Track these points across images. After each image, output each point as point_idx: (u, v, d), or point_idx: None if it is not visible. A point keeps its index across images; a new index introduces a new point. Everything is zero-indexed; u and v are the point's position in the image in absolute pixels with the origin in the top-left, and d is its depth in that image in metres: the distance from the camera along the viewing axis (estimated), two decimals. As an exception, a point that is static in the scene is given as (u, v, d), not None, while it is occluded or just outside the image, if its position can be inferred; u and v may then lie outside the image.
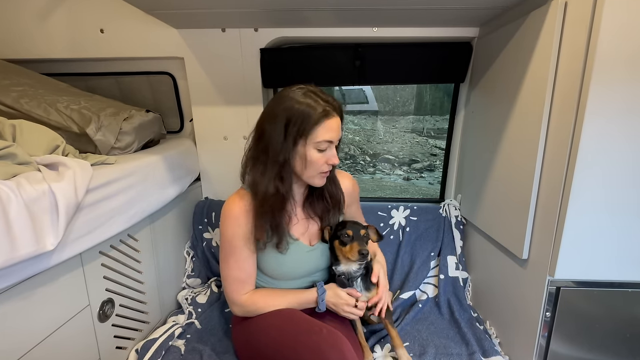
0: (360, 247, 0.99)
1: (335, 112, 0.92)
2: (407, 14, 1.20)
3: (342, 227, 1.04)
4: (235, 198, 0.99)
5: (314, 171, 0.94)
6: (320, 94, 0.93)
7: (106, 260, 1.02)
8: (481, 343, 1.15)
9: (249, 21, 1.32)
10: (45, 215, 0.72)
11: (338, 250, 1.04)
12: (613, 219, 0.89)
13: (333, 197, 1.07)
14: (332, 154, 0.94)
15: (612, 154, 0.85)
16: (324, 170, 0.95)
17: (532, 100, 1.00)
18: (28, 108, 1.07)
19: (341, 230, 1.03)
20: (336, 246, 1.05)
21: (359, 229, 1.03)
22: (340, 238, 1.03)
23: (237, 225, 0.96)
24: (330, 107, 0.91)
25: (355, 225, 1.05)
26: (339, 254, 1.05)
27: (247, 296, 1.01)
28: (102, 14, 1.37)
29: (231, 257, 0.99)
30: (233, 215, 0.97)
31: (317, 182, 0.98)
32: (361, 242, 1.01)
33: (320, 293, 1.01)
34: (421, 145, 4.54)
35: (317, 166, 0.93)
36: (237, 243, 0.97)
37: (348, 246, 1.01)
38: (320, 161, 0.93)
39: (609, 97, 0.81)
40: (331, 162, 0.94)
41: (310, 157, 0.92)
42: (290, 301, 1.02)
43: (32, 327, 0.79)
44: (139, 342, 1.12)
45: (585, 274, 0.94)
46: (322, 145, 0.91)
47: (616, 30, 0.78)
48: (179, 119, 1.63)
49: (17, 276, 0.72)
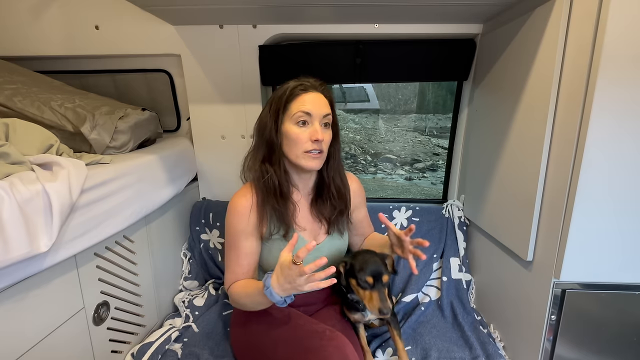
0: (381, 304, 0.88)
1: (313, 88, 0.93)
2: (408, 10, 1.18)
3: (362, 267, 0.93)
4: (240, 192, 0.99)
5: (298, 149, 0.92)
6: (309, 78, 0.95)
7: (101, 262, 1.00)
8: (485, 347, 1.13)
9: (247, 17, 1.30)
10: (38, 216, 0.72)
11: (355, 288, 0.96)
12: (620, 220, 0.87)
13: (340, 193, 1.04)
14: (313, 129, 0.91)
15: (619, 154, 0.83)
16: (309, 149, 0.92)
17: (537, 98, 0.98)
18: (21, 106, 1.05)
19: (360, 273, 0.92)
20: (353, 284, 0.96)
21: (380, 274, 0.92)
22: (359, 282, 0.93)
23: (240, 220, 0.96)
24: (309, 84, 0.93)
25: (376, 266, 0.93)
26: (354, 290, 0.97)
27: (230, 288, 0.99)
28: (98, 10, 1.35)
29: (232, 251, 0.99)
30: (237, 209, 0.96)
31: (305, 163, 0.93)
32: (382, 294, 0.90)
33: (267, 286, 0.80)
34: (423, 145, 4.53)
35: (300, 143, 0.92)
36: (239, 238, 0.97)
37: (367, 293, 0.92)
38: (301, 137, 0.91)
39: (616, 95, 0.80)
40: (314, 137, 0.91)
41: (290, 133, 0.92)
42: (249, 290, 0.90)
43: (25, 331, 0.77)
44: (134, 345, 1.11)
45: (592, 276, 0.92)
46: (300, 117, 0.91)
47: (623, 26, 0.77)
48: (176, 118, 1.62)
49: (10, 278, 0.71)
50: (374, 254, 0.98)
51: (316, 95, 0.93)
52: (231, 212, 0.98)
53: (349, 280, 0.98)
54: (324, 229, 1.06)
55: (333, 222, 1.04)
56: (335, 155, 1.02)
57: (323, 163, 0.98)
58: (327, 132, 0.96)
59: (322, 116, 0.93)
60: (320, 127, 0.93)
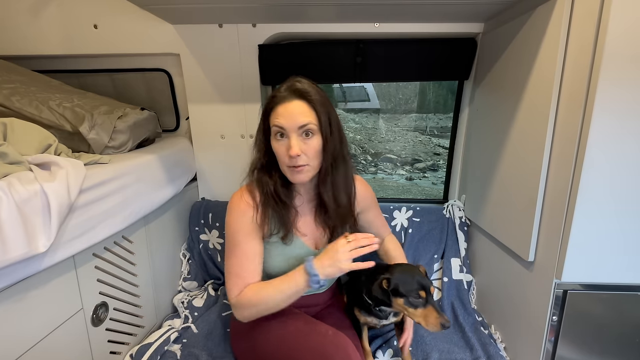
0: (442, 319, 0.84)
1: (291, 97, 0.84)
2: (409, 9, 1.18)
3: (409, 284, 0.88)
4: (240, 192, 0.96)
5: (282, 163, 0.88)
6: (295, 83, 0.86)
7: (100, 263, 1.00)
8: (486, 348, 1.12)
9: (247, 16, 1.29)
10: (37, 216, 0.71)
11: (400, 307, 0.90)
12: (622, 220, 0.87)
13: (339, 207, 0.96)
14: (288, 144, 0.84)
15: (621, 154, 0.83)
16: (289, 164, 0.86)
17: (539, 97, 0.97)
18: (19, 106, 1.05)
19: (409, 291, 0.87)
20: (398, 304, 0.90)
21: (429, 286, 0.87)
22: (410, 300, 0.87)
23: (243, 218, 0.92)
24: (287, 92, 0.85)
25: (422, 279, 0.89)
26: (398, 309, 0.92)
27: (240, 295, 0.92)
28: (96, 9, 1.34)
29: (236, 255, 0.93)
30: (239, 206, 0.93)
31: (290, 177, 0.89)
32: (438, 308, 0.86)
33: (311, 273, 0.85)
34: (424, 144, 4.51)
35: (281, 158, 0.87)
36: (240, 238, 0.92)
37: (420, 311, 0.86)
38: (280, 152, 0.86)
39: (618, 94, 0.79)
40: (288, 152, 0.83)
41: (273, 146, 0.88)
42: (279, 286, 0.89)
43: (23, 332, 0.77)
44: (133, 346, 1.10)
45: (593, 277, 0.92)
46: (277, 132, 0.85)
47: (625, 26, 0.76)
48: (175, 117, 1.61)
49: (8, 279, 0.71)
50: (410, 266, 0.95)
51: (291, 105, 0.84)
52: (233, 210, 0.93)
53: (392, 300, 0.91)
54: (327, 237, 1.02)
55: (335, 231, 1.01)
56: (330, 171, 0.91)
57: (313, 175, 0.90)
58: (310, 142, 0.85)
59: (298, 127, 0.83)
60: (299, 139, 0.84)
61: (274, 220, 0.94)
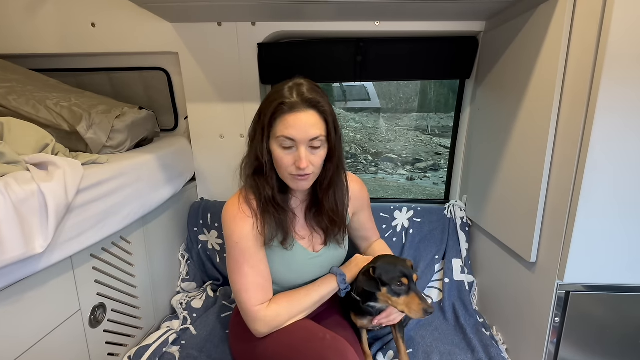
0: (425, 304, 0.84)
1: (303, 106, 0.80)
2: (410, 7, 1.17)
3: (390, 272, 0.88)
4: (234, 199, 0.94)
5: (283, 171, 0.86)
6: (301, 87, 0.83)
7: (97, 264, 0.99)
8: (487, 350, 1.12)
9: (246, 15, 1.28)
10: (34, 216, 0.71)
11: (384, 297, 0.91)
12: (624, 221, 0.86)
13: (334, 211, 0.96)
14: (297, 156, 0.82)
15: (624, 154, 0.82)
16: (294, 173, 0.85)
17: (541, 97, 0.97)
18: (16, 105, 1.04)
19: (390, 279, 0.87)
20: (382, 294, 0.91)
21: (411, 274, 0.88)
22: (392, 288, 0.88)
23: (244, 231, 0.89)
24: (298, 100, 0.80)
25: (404, 266, 0.89)
26: (383, 300, 0.93)
27: (268, 308, 0.90)
28: (94, 8, 1.33)
29: (245, 263, 0.89)
30: (239, 215, 0.90)
31: (291, 184, 0.88)
32: (420, 294, 0.86)
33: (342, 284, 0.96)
34: (425, 144, 4.50)
35: (284, 167, 0.85)
36: (247, 244, 0.89)
37: (403, 299, 0.87)
38: (285, 161, 0.84)
39: (621, 93, 0.79)
40: (297, 165, 0.82)
41: (275, 154, 0.85)
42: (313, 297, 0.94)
43: (20, 333, 0.76)
44: (131, 348, 1.09)
45: (596, 278, 0.91)
46: (285, 143, 0.82)
47: (628, 24, 0.75)
48: (174, 117, 1.60)
49: (5, 280, 0.70)
50: (394, 257, 0.96)
51: (304, 116, 0.81)
52: (234, 222, 0.89)
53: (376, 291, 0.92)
54: (321, 239, 1.02)
55: (329, 234, 1.00)
56: (328, 176, 0.92)
57: (314, 181, 0.91)
58: (318, 153, 0.85)
59: (309, 140, 0.82)
60: (307, 151, 0.83)
61: (273, 226, 0.92)
